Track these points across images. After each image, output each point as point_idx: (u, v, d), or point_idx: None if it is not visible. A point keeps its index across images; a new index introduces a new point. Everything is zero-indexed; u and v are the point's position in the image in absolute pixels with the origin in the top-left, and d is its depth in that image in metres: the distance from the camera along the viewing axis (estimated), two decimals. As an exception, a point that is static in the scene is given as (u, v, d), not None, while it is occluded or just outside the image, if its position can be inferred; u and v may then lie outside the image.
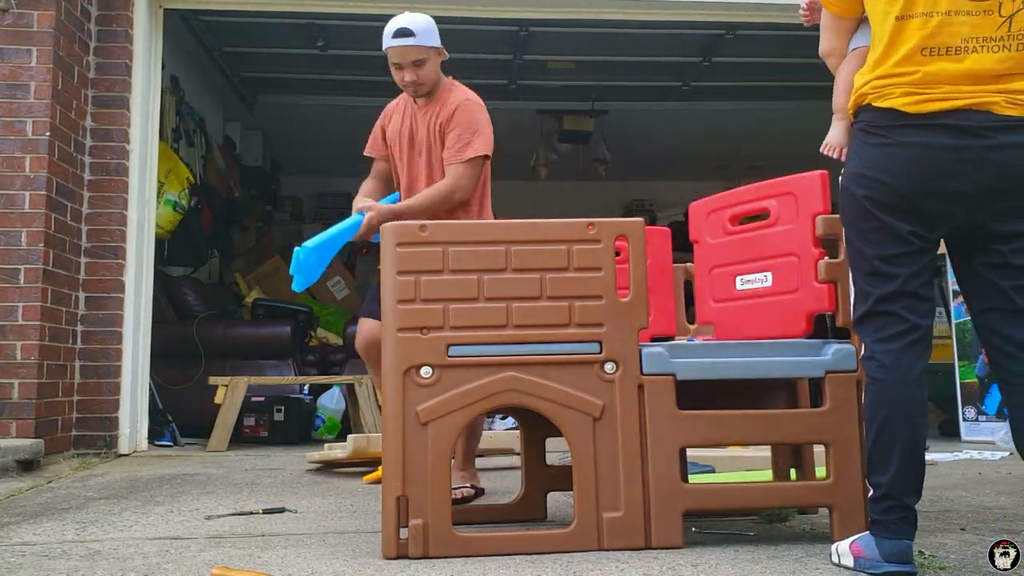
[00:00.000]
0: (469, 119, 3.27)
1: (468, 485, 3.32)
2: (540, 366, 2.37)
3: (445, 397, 2.34)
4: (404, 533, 2.31)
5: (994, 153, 2.11)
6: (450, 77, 3.44)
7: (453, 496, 3.15)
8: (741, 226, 2.80)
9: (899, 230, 2.13)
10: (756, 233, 2.72)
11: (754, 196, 2.75)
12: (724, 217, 2.83)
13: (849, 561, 2.14)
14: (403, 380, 2.34)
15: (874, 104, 2.16)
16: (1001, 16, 2.18)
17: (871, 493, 2.12)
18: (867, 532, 2.13)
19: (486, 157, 3.31)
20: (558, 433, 2.43)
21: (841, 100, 2.36)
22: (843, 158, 2.31)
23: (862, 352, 2.19)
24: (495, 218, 3.40)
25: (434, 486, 2.30)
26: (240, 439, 5.31)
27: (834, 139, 2.43)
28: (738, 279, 2.76)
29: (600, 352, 2.39)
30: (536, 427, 2.80)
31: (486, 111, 3.36)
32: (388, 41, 3.29)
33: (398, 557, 2.28)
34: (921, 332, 2.14)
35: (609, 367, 2.39)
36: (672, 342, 2.67)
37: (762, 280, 2.68)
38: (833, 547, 2.23)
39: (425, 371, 2.35)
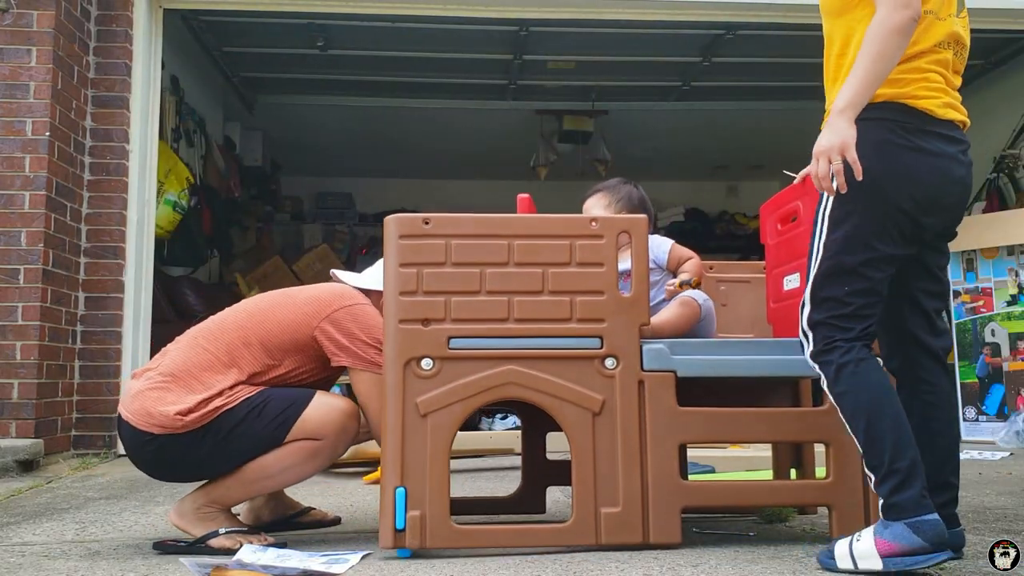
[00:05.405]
0: None
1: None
2: (540, 360, 2.37)
3: (445, 389, 2.33)
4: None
5: (968, 170, 2.16)
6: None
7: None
8: (786, 226, 2.75)
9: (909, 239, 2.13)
10: (792, 234, 2.68)
11: (791, 196, 2.70)
12: (777, 218, 2.80)
13: (876, 564, 1.96)
14: (403, 372, 2.34)
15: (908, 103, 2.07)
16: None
17: (893, 481, 1.97)
18: (882, 528, 1.99)
19: None
20: (558, 428, 2.42)
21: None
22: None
23: (831, 345, 2.12)
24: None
25: (432, 478, 2.30)
26: (240, 439, 5.29)
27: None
28: (785, 280, 2.72)
29: (601, 347, 2.38)
30: (536, 422, 2.80)
31: None
32: None
33: (395, 547, 2.27)
34: None
35: (609, 362, 2.38)
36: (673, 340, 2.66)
37: (794, 281, 2.65)
38: (840, 552, 2.03)
39: (426, 363, 2.34)
